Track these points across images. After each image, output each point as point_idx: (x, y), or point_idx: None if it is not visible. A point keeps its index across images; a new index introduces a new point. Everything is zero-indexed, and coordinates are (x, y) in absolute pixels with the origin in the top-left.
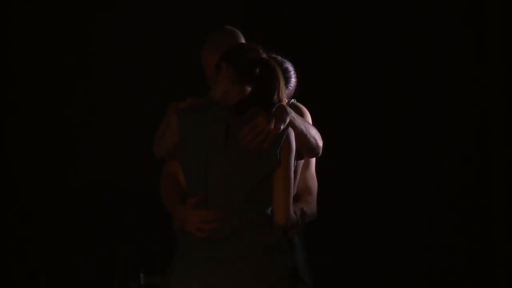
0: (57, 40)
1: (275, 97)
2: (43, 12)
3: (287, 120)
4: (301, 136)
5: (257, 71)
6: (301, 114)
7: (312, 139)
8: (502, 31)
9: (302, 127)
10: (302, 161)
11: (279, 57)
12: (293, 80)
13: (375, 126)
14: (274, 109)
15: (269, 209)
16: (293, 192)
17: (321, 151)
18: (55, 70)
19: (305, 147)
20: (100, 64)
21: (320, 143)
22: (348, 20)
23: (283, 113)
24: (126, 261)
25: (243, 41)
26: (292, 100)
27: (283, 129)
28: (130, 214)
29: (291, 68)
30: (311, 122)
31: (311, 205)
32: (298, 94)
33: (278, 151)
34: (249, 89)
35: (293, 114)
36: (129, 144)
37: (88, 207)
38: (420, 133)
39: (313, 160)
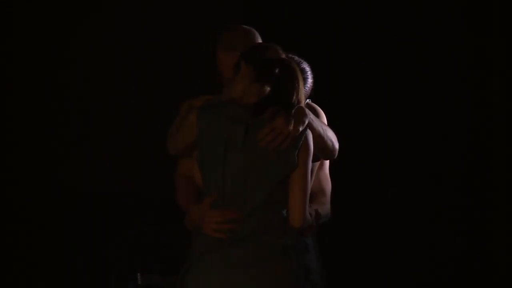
0: (57, 40)
1: (294, 98)
2: (41, 12)
3: (306, 122)
4: (319, 138)
5: (277, 71)
6: (316, 114)
7: (329, 141)
8: (502, 31)
9: (320, 129)
10: (318, 162)
11: (296, 57)
12: (310, 80)
13: (375, 126)
14: (293, 110)
15: (285, 210)
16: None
17: (337, 153)
18: (54, 70)
19: (322, 149)
20: (100, 64)
21: (337, 145)
22: (348, 20)
23: (302, 115)
24: (123, 261)
25: (260, 40)
26: (308, 100)
27: (301, 131)
28: (128, 213)
29: (308, 69)
30: (326, 123)
31: (325, 206)
32: None
33: (296, 153)
34: (268, 89)
35: (311, 116)
36: (126, 145)
37: (85, 207)
38: (420, 133)
39: (327, 161)
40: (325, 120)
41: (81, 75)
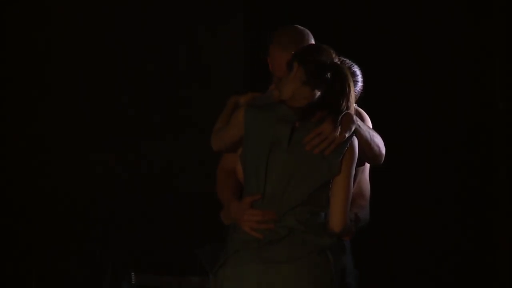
0: (56, 40)
1: (344, 104)
2: (40, 12)
3: (353, 129)
4: (365, 144)
5: (328, 75)
6: (361, 119)
7: (375, 147)
8: (503, 31)
9: (367, 135)
10: (361, 167)
11: (347, 60)
12: (360, 84)
13: (374, 127)
14: (341, 116)
15: (324, 212)
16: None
17: (383, 159)
18: (52, 70)
19: (368, 155)
20: (99, 64)
21: (383, 151)
22: (348, 20)
23: (349, 121)
24: (116, 260)
25: (313, 41)
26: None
27: (347, 138)
28: (121, 213)
29: (358, 72)
30: (371, 126)
31: (365, 210)
32: None
33: (340, 159)
34: (318, 92)
35: (359, 122)
36: (123, 144)
37: (79, 207)
38: (419, 134)
39: (368, 164)
40: (370, 124)
41: (81, 75)
